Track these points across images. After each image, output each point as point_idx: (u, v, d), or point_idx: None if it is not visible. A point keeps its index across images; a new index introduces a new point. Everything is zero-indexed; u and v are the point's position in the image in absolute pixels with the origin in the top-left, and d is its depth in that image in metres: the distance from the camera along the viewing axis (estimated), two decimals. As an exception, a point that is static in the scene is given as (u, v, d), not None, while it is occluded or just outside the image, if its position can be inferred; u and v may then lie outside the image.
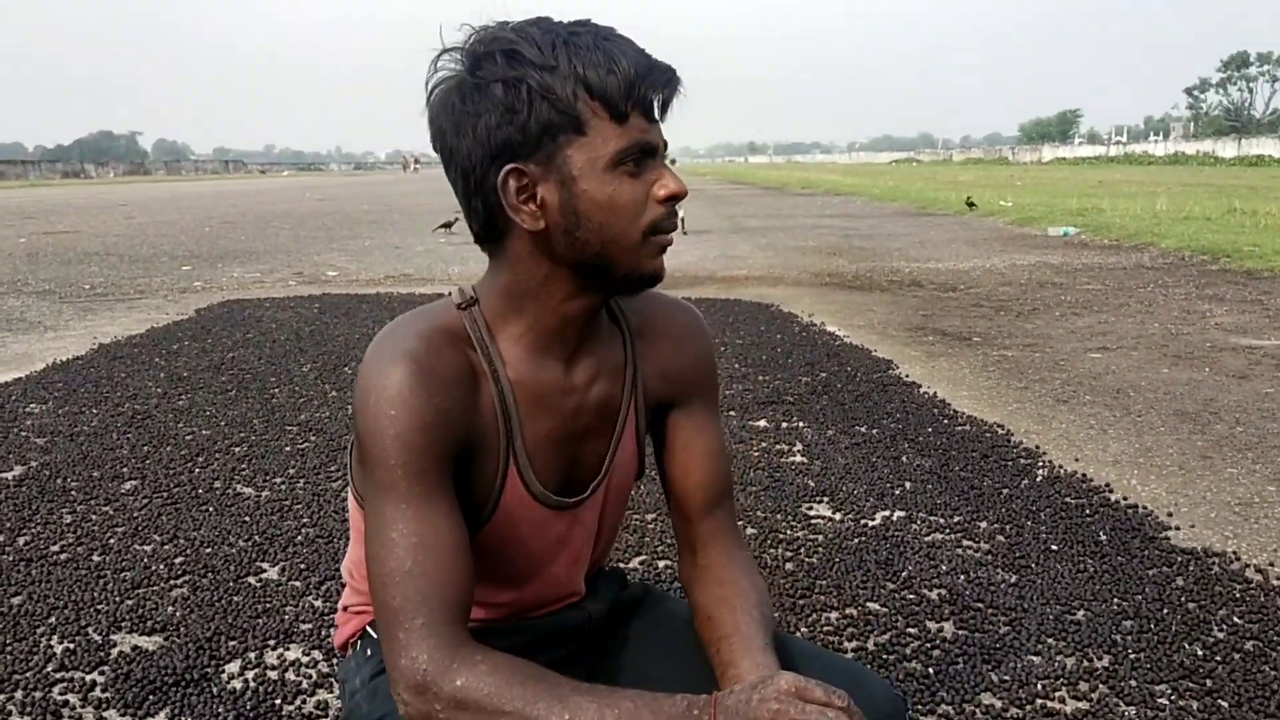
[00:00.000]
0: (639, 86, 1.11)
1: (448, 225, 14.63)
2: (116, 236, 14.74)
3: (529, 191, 1.13)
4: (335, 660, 2.17)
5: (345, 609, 1.43)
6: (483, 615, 1.30)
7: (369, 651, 1.35)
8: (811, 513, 3.07)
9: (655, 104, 1.15)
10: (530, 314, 1.20)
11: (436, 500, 1.13)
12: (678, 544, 1.40)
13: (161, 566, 2.66)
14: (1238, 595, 2.48)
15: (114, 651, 2.22)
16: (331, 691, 2.06)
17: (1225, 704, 2.00)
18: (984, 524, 2.97)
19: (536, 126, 1.10)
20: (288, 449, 3.72)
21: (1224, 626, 2.32)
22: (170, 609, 2.42)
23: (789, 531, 2.92)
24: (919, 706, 2.00)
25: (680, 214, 9.23)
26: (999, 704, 2.01)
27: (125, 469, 3.47)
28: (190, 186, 45.45)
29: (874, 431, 3.95)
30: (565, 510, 1.29)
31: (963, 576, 2.59)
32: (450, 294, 1.24)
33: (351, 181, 54.96)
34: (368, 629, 1.37)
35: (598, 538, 1.39)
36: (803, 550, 2.77)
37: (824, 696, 1.00)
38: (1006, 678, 2.10)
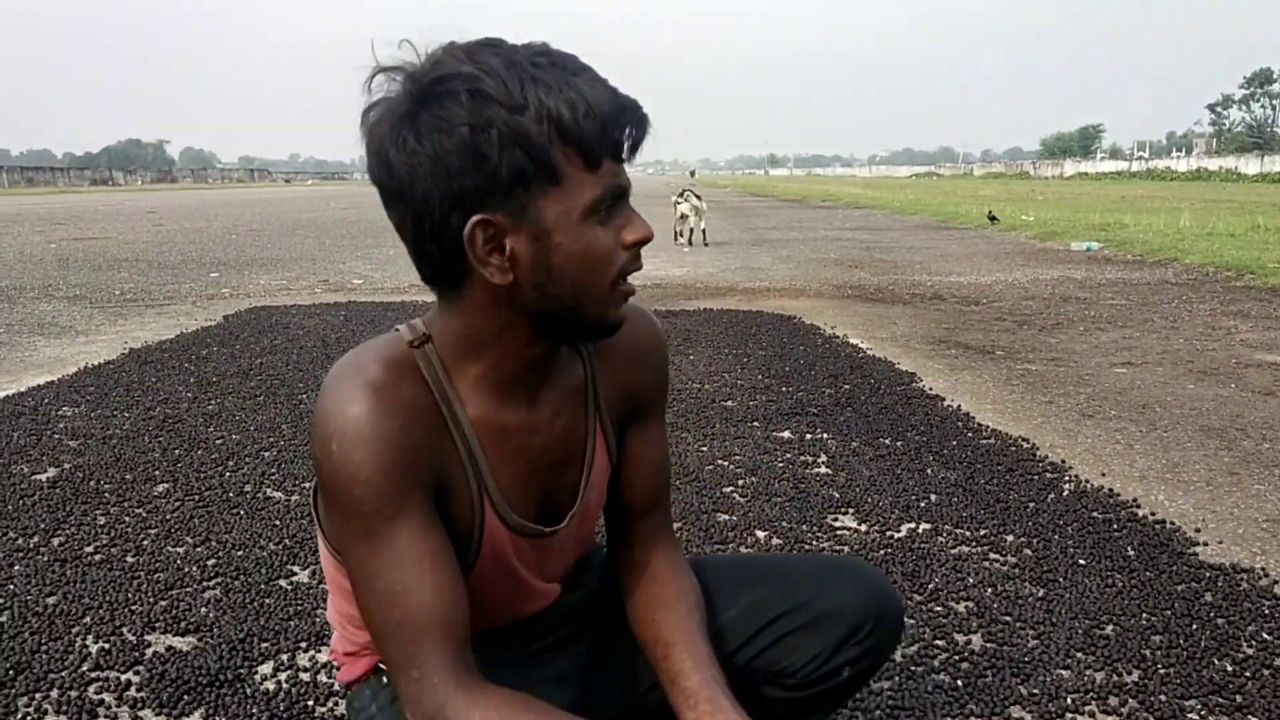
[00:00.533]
0: (612, 129, 1.05)
1: None
2: (145, 243, 14.90)
3: (496, 243, 1.06)
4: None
5: (347, 654, 1.38)
6: (484, 625, 1.28)
7: (385, 680, 1.31)
8: (836, 524, 3.07)
9: (626, 145, 1.08)
10: (489, 358, 1.16)
11: (416, 539, 1.09)
12: (609, 538, 1.42)
13: (194, 568, 2.69)
14: (1267, 612, 2.47)
15: (148, 652, 2.25)
16: (363, 694, 2.08)
17: (1255, 720, 2.00)
18: (1010, 537, 2.96)
19: (507, 175, 1.03)
20: (316, 454, 3.75)
21: (1254, 643, 2.31)
22: (203, 610, 2.45)
23: (814, 542, 2.92)
24: (948, 719, 2.00)
25: (702, 225, 9.38)
26: (1028, 717, 2.01)
27: (157, 472, 3.52)
28: (216, 194, 45.85)
29: (898, 444, 3.95)
30: (544, 539, 1.29)
31: (990, 589, 2.59)
32: (399, 330, 1.18)
33: (374, 191, 55.00)
34: (379, 667, 1.33)
35: (578, 546, 1.40)
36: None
37: None
38: (1035, 691, 2.10)
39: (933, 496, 3.32)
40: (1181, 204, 23.22)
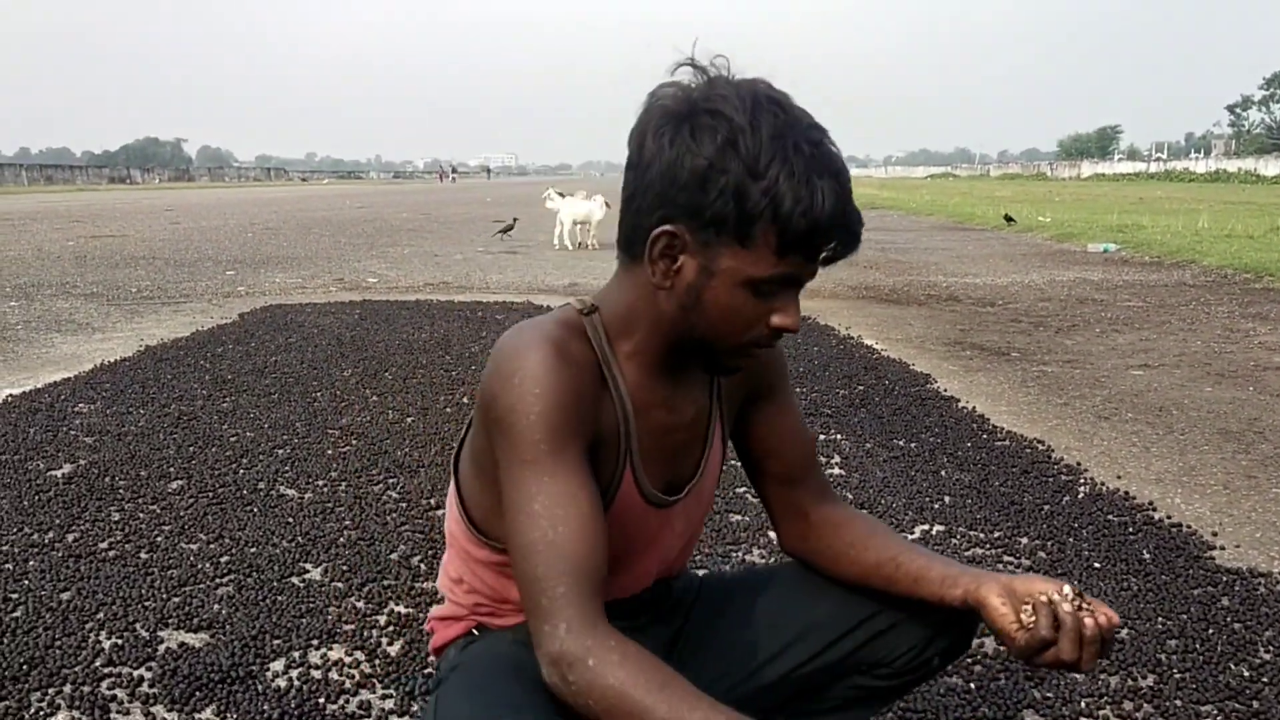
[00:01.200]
0: (817, 237, 1.13)
1: (508, 229, 14.85)
2: (162, 241, 14.98)
3: (672, 254, 1.17)
4: (377, 661, 2.20)
5: (443, 618, 1.43)
6: None
7: (475, 632, 1.39)
8: (850, 525, 3.05)
9: (822, 255, 1.17)
10: (640, 337, 1.26)
11: (575, 476, 1.16)
12: (778, 517, 1.50)
13: (207, 565, 2.70)
14: (1285, 617, 2.45)
15: (161, 648, 2.25)
16: (374, 692, 2.08)
17: (1272, 726, 1.97)
18: (1025, 540, 2.94)
19: (713, 214, 1.12)
20: (329, 452, 3.76)
21: (1271, 648, 2.29)
22: (216, 607, 2.45)
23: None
24: (960, 721, 1.99)
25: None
26: (1041, 720, 2.00)
27: (172, 469, 3.53)
28: (233, 193, 46.07)
29: (912, 445, 3.93)
30: (664, 509, 1.36)
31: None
32: (570, 302, 1.29)
33: (390, 190, 55.45)
34: (474, 631, 1.40)
35: (682, 537, 1.45)
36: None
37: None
38: (1049, 694, 2.08)
39: (947, 498, 3.31)
40: (1200, 205, 23.06)
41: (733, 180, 1.10)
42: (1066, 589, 1.22)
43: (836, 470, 3.59)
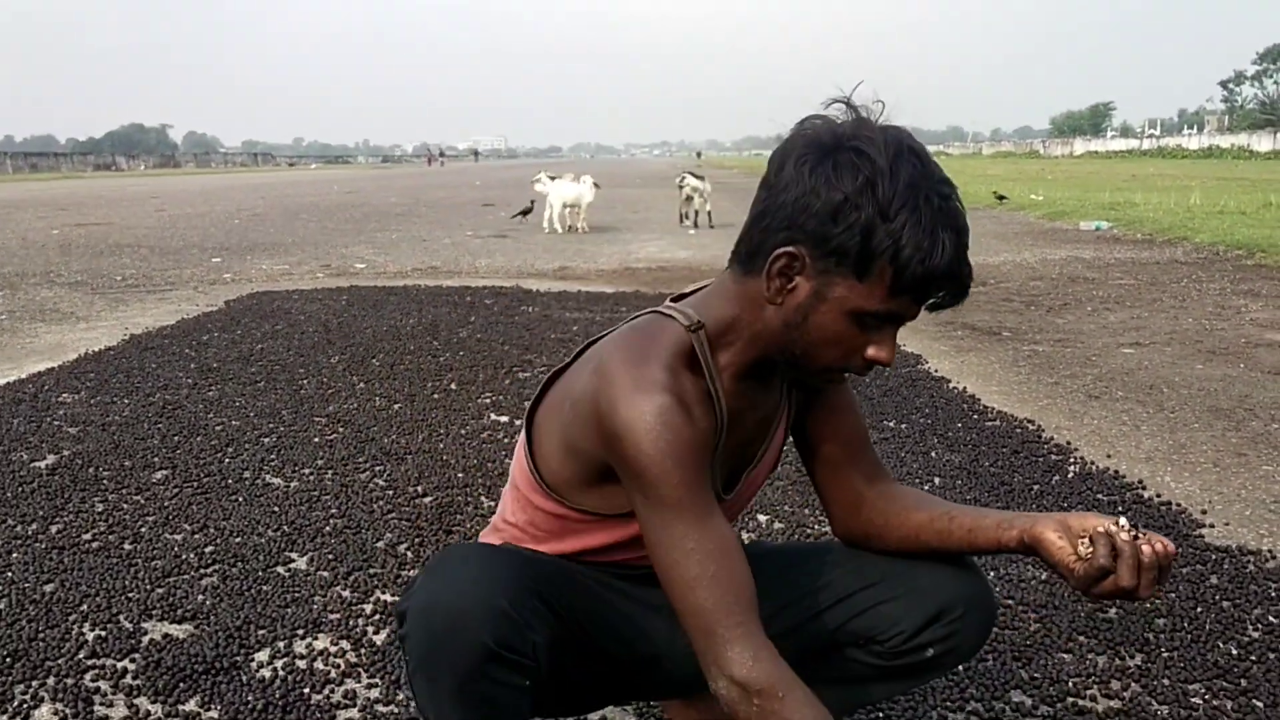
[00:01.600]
0: (930, 284, 1.22)
1: (526, 212, 14.84)
2: (147, 228, 14.88)
3: (789, 274, 1.26)
4: (363, 650, 2.18)
5: (495, 528, 1.53)
6: (628, 559, 1.46)
7: None
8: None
9: (930, 300, 1.26)
10: (739, 347, 1.34)
11: (713, 509, 1.27)
12: (829, 501, 1.55)
13: (192, 555, 2.68)
14: (1274, 594, 2.44)
15: (145, 639, 2.23)
16: (360, 681, 2.07)
17: (1260, 704, 1.97)
18: (1014, 520, 2.93)
19: (838, 245, 1.21)
20: (316, 440, 3.74)
21: (1259, 626, 2.29)
22: (200, 597, 2.43)
23: (816, 527, 2.90)
24: (948, 704, 1.98)
25: (707, 208, 9.34)
26: (1029, 701, 1.99)
27: (156, 458, 3.50)
28: (219, 179, 45.83)
29: (903, 426, 3.92)
30: (723, 503, 1.41)
31: (992, 573, 2.56)
32: (670, 314, 1.35)
33: (378, 174, 55.22)
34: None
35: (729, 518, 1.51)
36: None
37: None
38: (1037, 675, 2.07)
39: (937, 479, 3.30)
40: (1192, 182, 23.07)
41: (864, 218, 1.19)
42: (1123, 520, 1.28)
43: (826, 452, 3.57)
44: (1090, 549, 1.26)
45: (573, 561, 1.45)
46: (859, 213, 1.19)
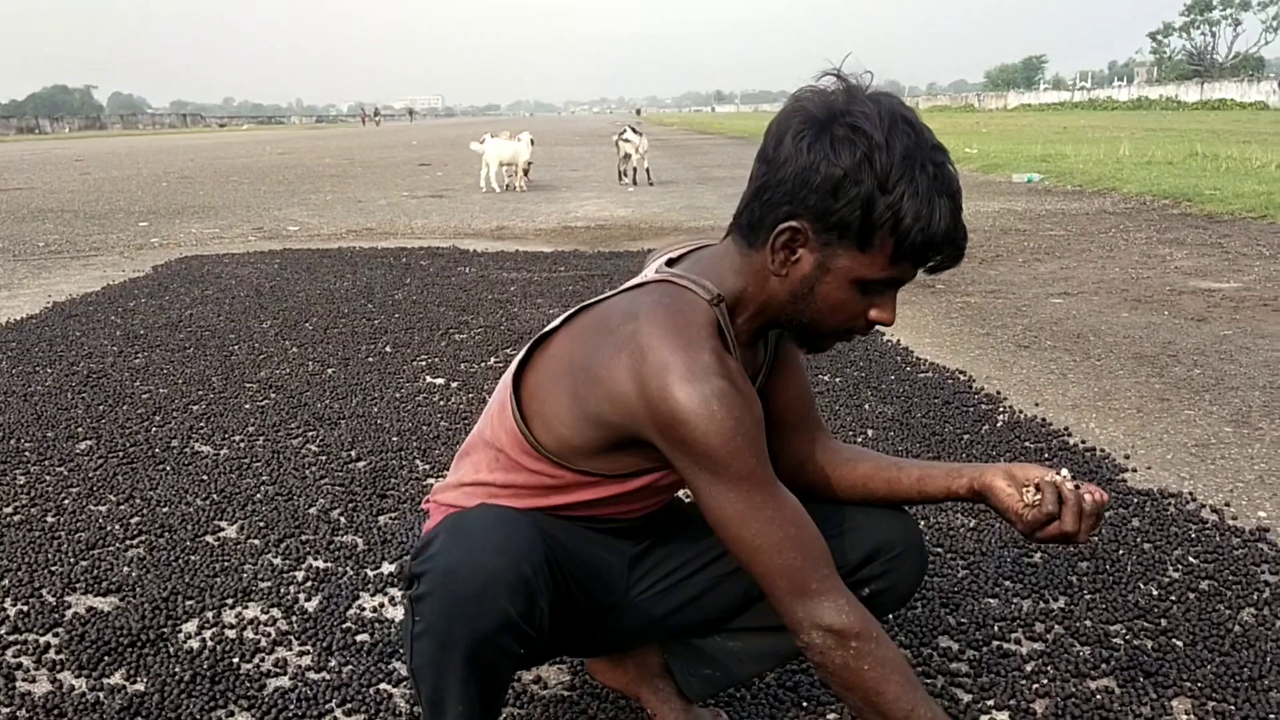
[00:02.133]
0: (929, 250, 1.27)
1: (524, 173, 14.56)
2: (71, 193, 14.45)
3: (792, 247, 1.30)
4: (294, 618, 2.16)
5: (451, 505, 1.48)
6: (605, 514, 1.49)
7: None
8: (774, 461, 3.07)
9: (929, 265, 1.30)
10: (748, 316, 1.39)
11: (775, 477, 1.31)
12: (779, 465, 1.52)
13: (117, 527, 2.63)
14: (1193, 535, 2.51)
15: (68, 613, 2.19)
16: (291, 649, 2.05)
17: (1180, 643, 2.02)
18: (945, 469, 2.98)
19: (839, 218, 1.25)
20: (247, 406, 3.67)
21: (1179, 566, 2.35)
22: (126, 569, 2.39)
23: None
24: (878, 651, 2.01)
25: (646, 164, 9.28)
26: (955, 646, 2.03)
27: (80, 429, 3.42)
28: (147, 141, 44.57)
29: (837, 380, 3.95)
30: None
31: (922, 522, 2.60)
32: (687, 286, 1.35)
33: (312, 135, 54.10)
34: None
35: None
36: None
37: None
38: (964, 620, 2.11)
39: (870, 431, 3.33)
40: (1121, 133, 23.43)
41: (864, 192, 1.22)
42: (1065, 472, 1.39)
43: (761, 407, 3.60)
44: (1038, 496, 1.37)
45: (554, 515, 1.45)
46: (859, 187, 1.22)
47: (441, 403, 3.72)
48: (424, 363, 4.30)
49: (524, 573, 1.28)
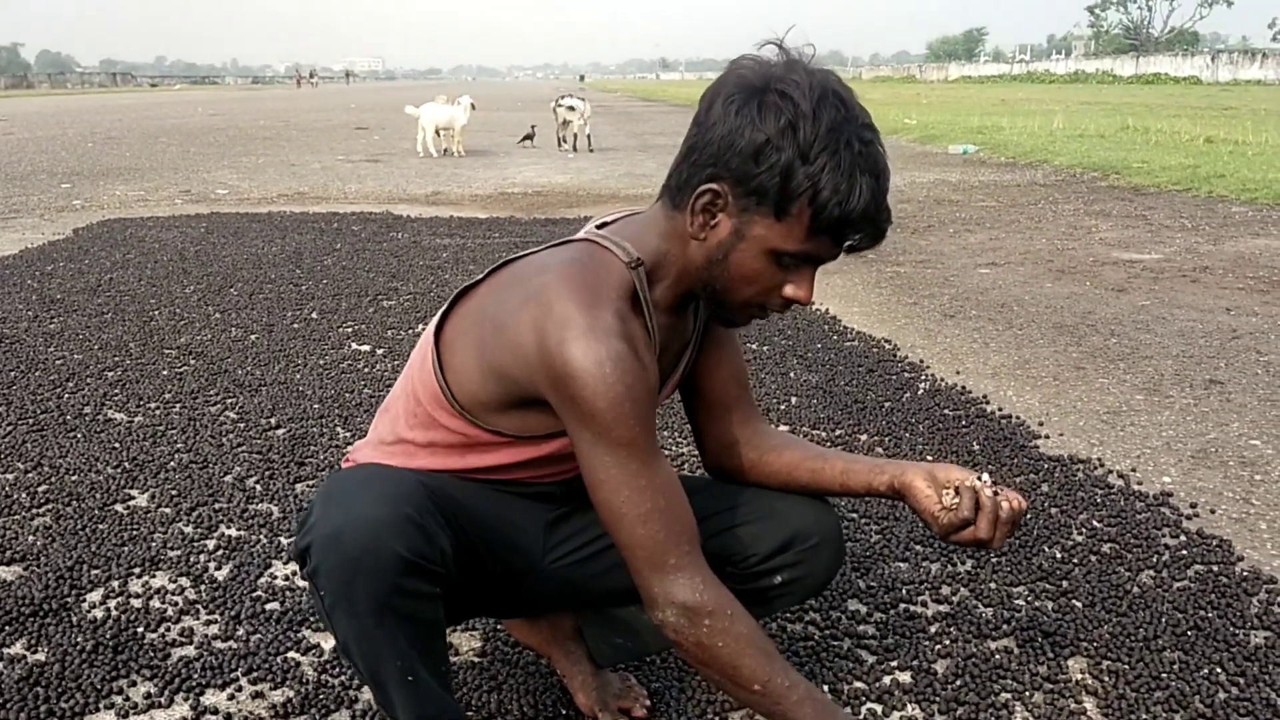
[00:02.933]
0: (847, 227, 1.25)
1: (529, 137, 14.49)
2: (-9, 153, 13.98)
3: (712, 211, 1.29)
4: (203, 587, 2.13)
5: (382, 443, 1.48)
6: (523, 477, 1.48)
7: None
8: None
9: (848, 243, 1.28)
10: (669, 282, 1.38)
11: (658, 447, 1.30)
12: (703, 439, 1.61)
13: (23, 495, 2.56)
14: (1099, 500, 2.58)
15: (-32, 584, 2.13)
16: (198, 618, 2.02)
17: (1079, 604, 2.08)
18: (864, 437, 3.02)
19: (758, 184, 1.24)
20: (165, 373, 3.60)
21: (1083, 530, 2.41)
22: (31, 538, 2.33)
23: (674, 448, 2.93)
24: (787, 615, 2.04)
25: (587, 131, 9.23)
26: (864, 609, 2.07)
27: (-12, 396, 3.33)
28: (75, 101, 43.23)
29: (764, 349, 3.98)
30: None
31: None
32: (607, 246, 1.35)
33: (248, 96, 52.85)
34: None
35: None
36: (686, 466, 2.79)
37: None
38: (873, 584, 2.15)
39: (793, 399, 3.36)
40: (1057, 106, 23.74)
41: (784, 160, 1.21)
42: (985, 477, 1.39)
43: (687, 374, 3.61)
44: (956, 500, 1.38)
45: (463, 478, 1.44)
46: (779, 154, 1.21)
47: (366, 369, 3.68)
48: (350, 329, 4.24)
49: (405, 513, 1.25)
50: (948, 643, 1.93)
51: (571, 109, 13.91)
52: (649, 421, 1.28)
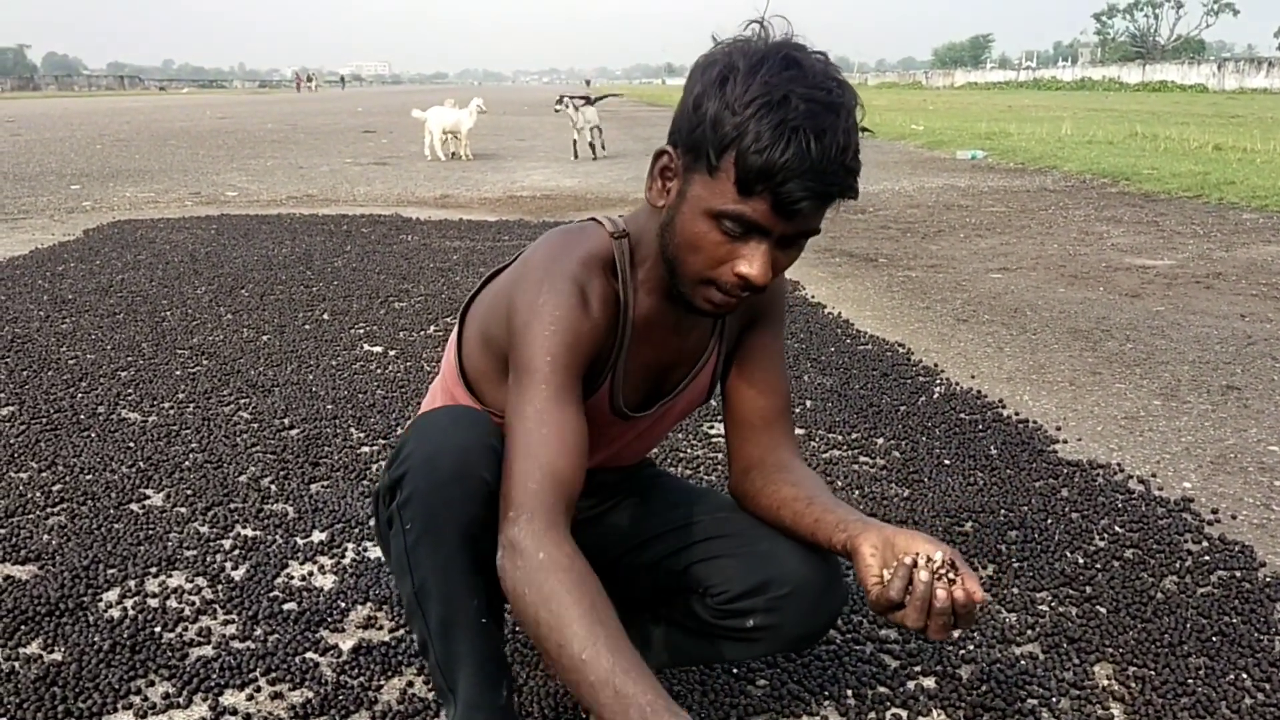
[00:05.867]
0: (777, 182, 1.16)
1: (590, 100, 14.07)
2: (0, 154, 14.00)
3: (668, 176, 1.28)
4: (220, 587, 2.12)
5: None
6: None
7: None
8: (712, 432, 3.07)
9: (784, 202, 1.18)
10: (650, 262, 1.37)
11: (569, 398, 1.26)
12: (733, 465, 1.55)
13: (38, 494, 2.55)
14: (1120, 505, 2.55)
15: (-16, 582, 2.12)
16: (215, 618, 2.01)
17: (1104, 610, 2.06)
18: (880, 440, 3.01)
19: (694, 139, 1.21)
20: (178, 373, 3.59)
21: (1105, 535, 2.39)
22: (46, 537, 2.32)
23: (689, 450, 2.92)
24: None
25: (589, 139, 9.13)
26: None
27: (2, 394, 3.32)
28: (83, 103, 43.35)
29: (778, 351, 3.96)
30: (628, 421, 1.48)
31: (857, 491, 2.62)
32: (602, 221, 1.39)
33: (255, 100, 52.94)
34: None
35: (636, 443, 1.57)
36: (702, 468, 2.78)
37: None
38: (894, 588, 2.13)
39: (808, 402, 3.35)
40: (1064, 113, 23.71)
41: (713, 109, 1.18)
42: (938, 555, 1.24)
43: (701, 377, 3.60)
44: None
45: None
46: (711, 104, 1.19)
47: (378, 371, 3.67)
48: (362, 330, 4.23)
49: (493, 444, 1.30)
50: (971, 648, 1.91)
51: (569, 111, 13.60)
52: (570, 365, 1.27)
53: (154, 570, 2.19)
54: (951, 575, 1.23)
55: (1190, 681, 1.81)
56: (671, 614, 1.60)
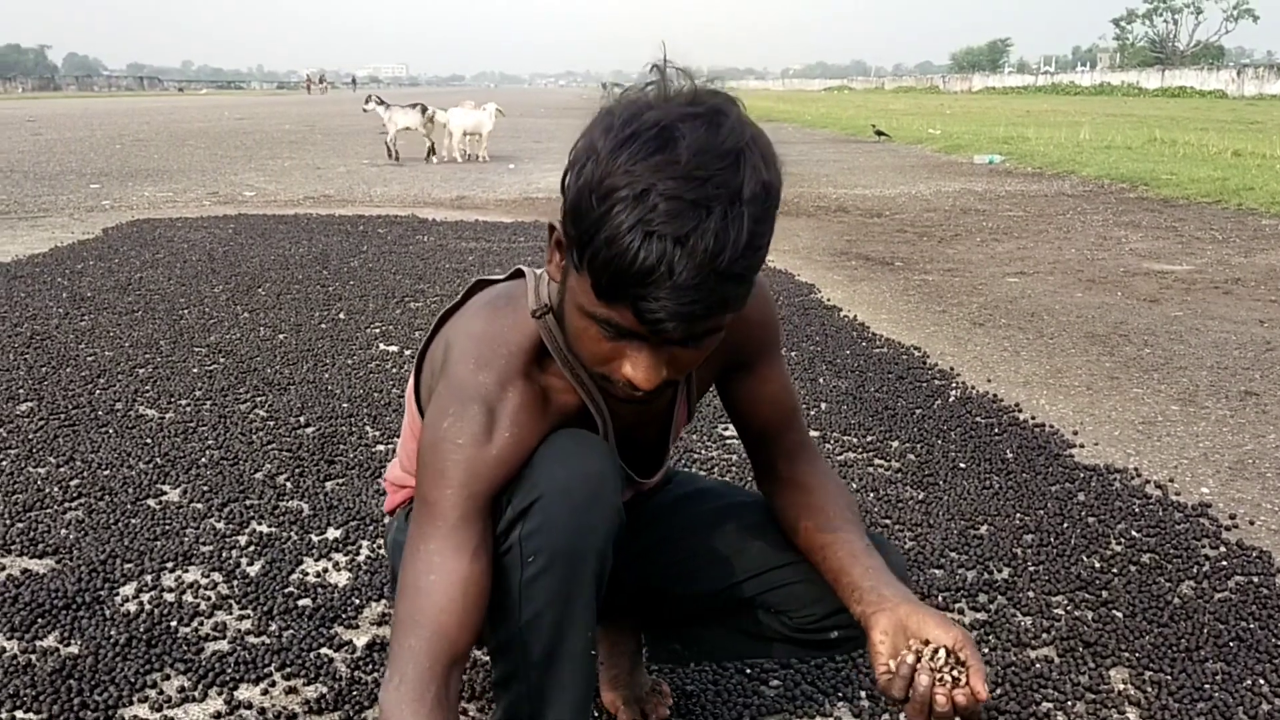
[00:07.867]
0: (634, 296, 1.00)
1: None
2: (21, 153, 14.11)
3: (559, 253, 1.12)
4: (235, 582, 2.13)
5: (395, 485, 1.54)
6: None
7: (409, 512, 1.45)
8: (727, 433, 3.07)
9: (650, 321, 1.02)
10: None
11: (466, 535, 1.20)
12: (753, 465, 1.51)
13: (56, 489, 2.57)
14: (1137, 510, 2.54)
15: (1, 575, 2.14)
16: (231, 613, 2.02)
17: (1120, 614, 2.05)
18: (895, 443, 3.00)
19: (568, 223, 1.05)
20: (195, 370, 3.61)
21: (1122, 540, 2.38)
22: (63, 532, 2.34)
23: (704, 452, 2.91)
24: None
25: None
26: (900, 616, 2.04)
27: (21, 390, 3.34)
28: (103, 103, 43.66)
29: (793, 354, 3.96)
30: (633, 483, 1.45)
31: (872, 494, 2.61)
32: (528, 289, 1.26)
33: (273, 101, 53.21)
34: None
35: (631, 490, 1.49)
36: (717, 470, 2.77)
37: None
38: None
39: (823, 405, 3.34)
40: (1083, 118, 23.60)
41: (572, 195, 1.02)
42: (943, 649, 1.18)
43: (716, 379, 3.59)
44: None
45: None
46: (572, 186, 1.03)
47: (394, 370, 3.68)
48: (378, 330, 4.25)
49: (619, 467, 1.31)
50: (986, 651, 1.91)
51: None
52: (472, 496, 1.20)
53: (170, 565, 2.20)
54: (956, 673, 1.17)
55: (1207, 687, 1.80)
56: (736, 623, 1.52)
